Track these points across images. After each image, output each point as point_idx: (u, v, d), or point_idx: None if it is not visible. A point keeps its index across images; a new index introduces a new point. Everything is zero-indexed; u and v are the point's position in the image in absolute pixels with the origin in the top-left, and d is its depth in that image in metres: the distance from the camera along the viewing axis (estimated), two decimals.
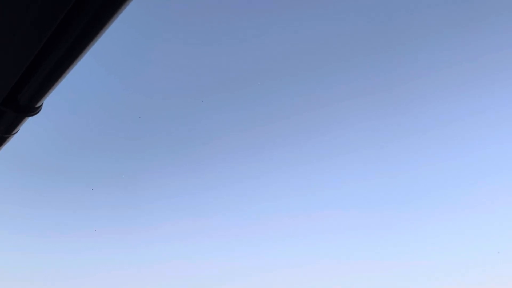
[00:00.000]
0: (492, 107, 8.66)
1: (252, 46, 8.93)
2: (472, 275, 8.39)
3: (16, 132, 1.40)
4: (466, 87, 8.69)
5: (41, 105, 1.29)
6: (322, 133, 9.27)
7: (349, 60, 8.84)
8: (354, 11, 8.54)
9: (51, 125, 9.40)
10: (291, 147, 9.39)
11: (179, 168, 9.77)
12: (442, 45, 8.50)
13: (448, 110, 8.86)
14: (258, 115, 9.36)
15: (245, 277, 9.10)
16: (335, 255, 9.20)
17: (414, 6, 8.32)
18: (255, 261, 9.32)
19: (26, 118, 1.31)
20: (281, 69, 9.03)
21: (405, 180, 9.32)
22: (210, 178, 9.63)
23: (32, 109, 1.28)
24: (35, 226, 9.36)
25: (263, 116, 9.33)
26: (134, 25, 8.49)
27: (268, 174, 9.55)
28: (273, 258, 9.34)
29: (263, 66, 9.06)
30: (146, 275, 9.21)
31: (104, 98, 9.59)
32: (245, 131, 9.43)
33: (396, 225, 9.17)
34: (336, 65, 8.91)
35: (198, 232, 9.57)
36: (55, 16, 0.95)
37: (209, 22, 8.76)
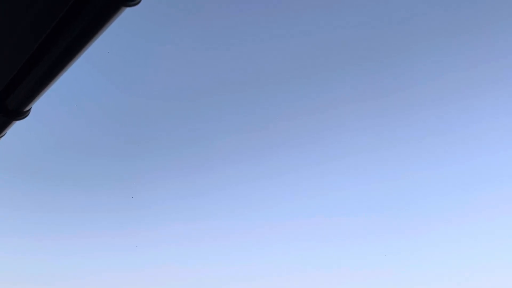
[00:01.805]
0: (494, 113, 8.64)
1: (255, 48, 8.93)
2: (472, 283, 8.36)
3: (2, 136, 1.39)
4: (468, 93, 8.68)
5: (29, 109, 1.28)
6: (323, 137, 9.26)
7: (351, 64, 8.84)
8: (357, 15, 8.54)
9: (49, 127, 9.39)
10: (292, 151, 9.37)
11: (179, 171, 9.76)
12: (445, 50, 8.49)
13: (450, 115, 8.85)
14: (259, 119, 9.35)
15: (243, 282, 9.07)
16: (336, 261, 9.17)
17: (418, 11, 8.32)
18: (254, 266, 9.29)
19: (14, 122, 1.30)
20: (281, 72, 9.03)
21: (408, 185, 9.30)
22: (209, 182, 9.62)
23: (20, 113, 1.27)
24: (31, 229, 9.34)
25: (263, 119, 9.32)
26: (134, 26, 8.49)
27: (269, 178, 9.53)
28: (273, 264, 9.31)
29: (266, 68, 9.06)
30: (145, 279, 9.19)
31: (104, 100, 9.58)
32: (245, 134, 9.42)
33: (398, 231, 9.15)
34: (338, 70, 8.90)
35: (197, 236, 9.55)
36: (48, 21, 0.95)
37: (210, 24, 8.76)
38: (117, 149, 9.70)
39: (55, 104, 8.89)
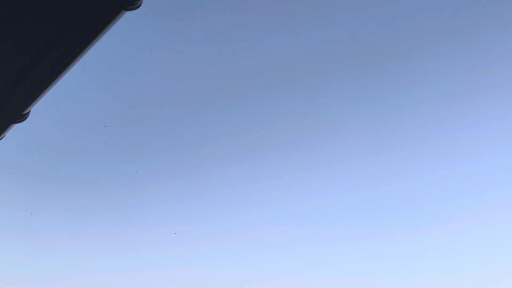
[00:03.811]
0: (493, 117, 8.65)
1: (251, 52, 8.94)
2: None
3: (2, 138, 1.40)
4: (467, 97, 8.69)
5: (28, 112, 1.29)
6: (323, 140, 9.25)
7: (348, 68, 8.84)
8: (355, 18, 8.56)
9: (47, 129, 9.38)
10: (292, 153, 9.37)
11: (175, 172, 9.75)
12: (443, 54, 8.50)
13: (447, 119, 8.86)
14: (256, 122, 9.36)
15: (241, 285, 9.05)
16: (333, 266, 9.16)
17: (416, 15, 8.34)
18: (251, 269, 9.27)
19: (13, 124, 1.31)
20: (279, 76, 9.04)
21: (404, 190, 9.30)
22: (205, 184, 9.61)
23: (19, 116, 1.28)
24: (30, 230, 9.32)
25: (260, 122, 9.33)
26: (132, 28, 8.49)
27: (264, 181, 9.52)
28: (269, 267, 9.30)
29: (264, 72, 9.07)
30: (140, 281, 9.17)
31: (103, 102, 9.58)
32: (242, 137, 9.42)
33: (397, 235, 9.14)
34: (334, 73, 8.91)
35: (193, 239, 9.54)
36: (48, 24, 0.95)
37: (206, 28, 8.76)
38: (115, 151, 9.69)
39: (53, 107, 8.89)
